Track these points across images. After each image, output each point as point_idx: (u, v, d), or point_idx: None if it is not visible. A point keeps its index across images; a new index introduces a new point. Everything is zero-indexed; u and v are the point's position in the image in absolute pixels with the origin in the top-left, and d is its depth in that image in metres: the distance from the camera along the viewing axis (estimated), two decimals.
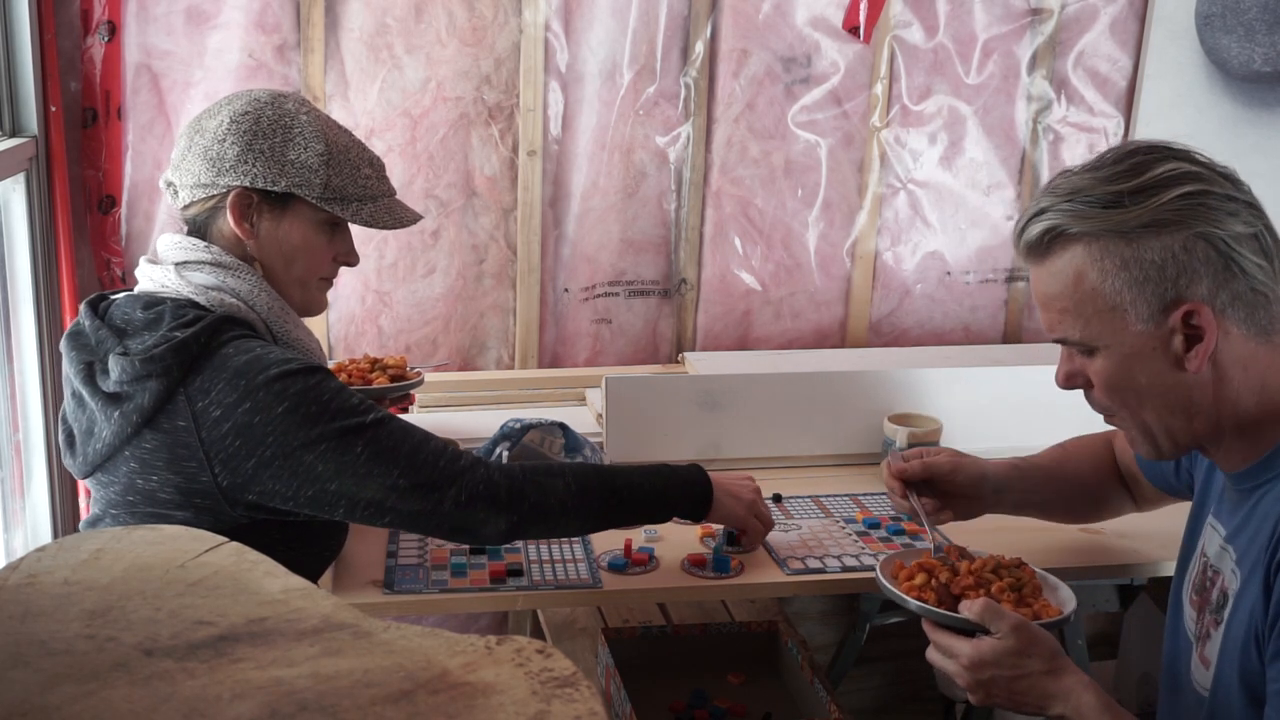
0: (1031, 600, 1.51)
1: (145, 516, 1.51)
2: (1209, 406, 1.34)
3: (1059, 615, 1.48)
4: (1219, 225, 1.28)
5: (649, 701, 1.97)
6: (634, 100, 2.41)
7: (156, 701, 0.84)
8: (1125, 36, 2.61)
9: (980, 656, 1.39)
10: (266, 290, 1.61)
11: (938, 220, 2.63)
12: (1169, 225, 1.28)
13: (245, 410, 1.47)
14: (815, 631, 2.66)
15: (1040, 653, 1.38)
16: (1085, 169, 1.35)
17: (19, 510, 2.13)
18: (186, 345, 1.49)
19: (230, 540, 1.08)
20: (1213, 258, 1.28)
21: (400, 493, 1.50)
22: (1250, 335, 1.31)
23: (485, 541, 1.59)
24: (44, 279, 2.09)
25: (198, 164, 1.59)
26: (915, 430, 2.10)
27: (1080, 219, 1.31)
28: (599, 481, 1.62)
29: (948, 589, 1.50)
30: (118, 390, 1.50)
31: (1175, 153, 1.32)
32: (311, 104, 1.65)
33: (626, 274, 2.51)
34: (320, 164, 1.59)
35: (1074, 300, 1.34)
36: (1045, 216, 1.34)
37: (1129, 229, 1.29)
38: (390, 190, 1.69)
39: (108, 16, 2.12)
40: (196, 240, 1.61)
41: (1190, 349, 1.30)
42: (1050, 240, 1.34)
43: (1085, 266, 1.32)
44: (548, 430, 2.03)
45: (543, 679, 0.88)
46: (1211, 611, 1.40)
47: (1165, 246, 1.28)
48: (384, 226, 1.65)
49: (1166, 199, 1.28)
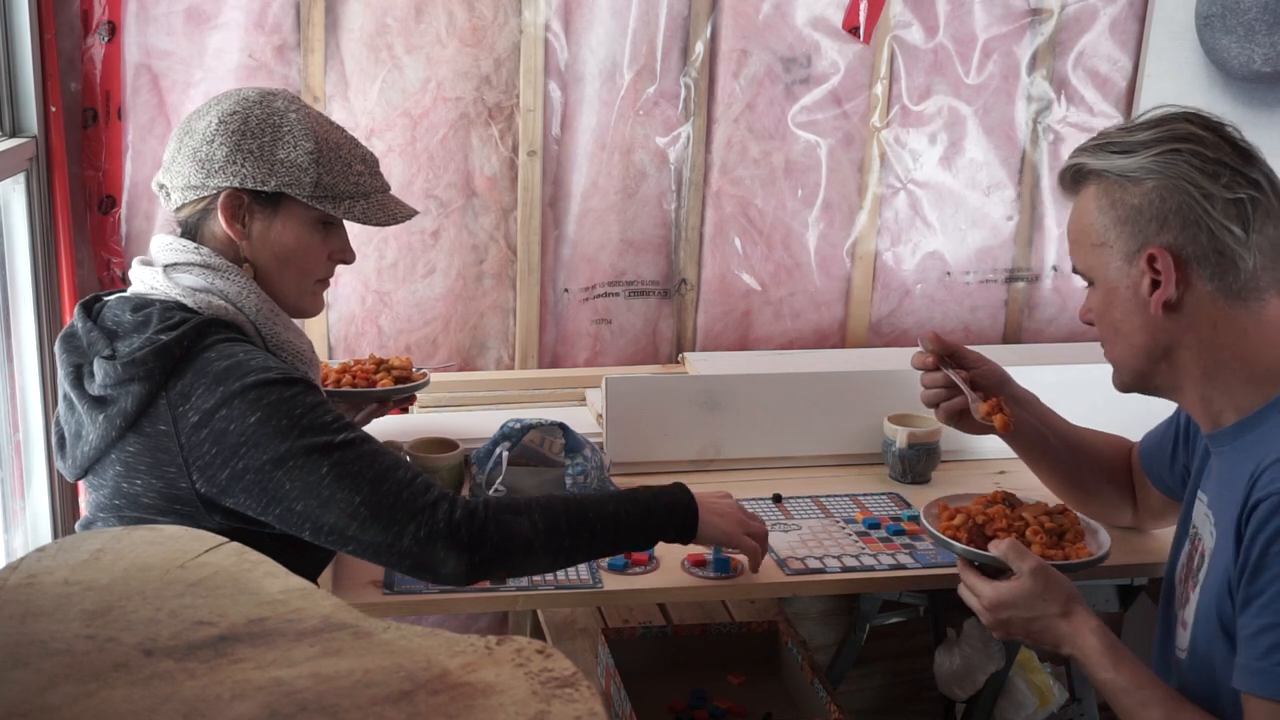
0: (1067, 544, 1.61)
1: (131, 521, 1.50)
2: (1175, 353, 1.43)
3: (1089, 557, 1.59)
4: (1195, 182, 1.38)
5: (649, 701, 1.97)
6: (634, 100, 2.41)
7: (156, 702, 0.84)
8: (1125, 37, 2.61)
9: (999, 598, 1.49)
10: (256, 292, 1.59)
11: (938, 220, 2.63)
12: (1153, 173, 1.39)
13: (221, 417, 1.45)
14: (815, 631, 2.65)
15: (1055, 596, 1.47)
16: (1129, 123, 1.47)
17: (19, 510, 2.13)
18: (169, 349, 1.47)
19: (230, 540, 1.08)
20: (1183, 209, 1.38)
21: (361, 521, 1.45)
22: (1219, 294, 1.39)
23: (445, 581, 1.49)
24: (44, 279, 2.09)
25: (187, 166, 1.57)
26: (915, 430, 2.11)
27: (1100, 159, 1.44)
28: (570, 518, 1.54)
29: (982, 530, 1.60)
30: (102, 394, 1.50)
31: (1195, 116, 1.43)
32: (302, 101, 1.64)
33: (626, 274, 2.51)
34: (310, 162, 1.57)
35: (1079, 233, 1.48)
36: (1077, 156, 1.48)
37: (1125, 173, 1.42)
38: (384, 186, 1.67)
39: (108, 16, 2.12)
40: (187, 242, 1.59)
41: (1153, 293, 1.40)
42: (1076, 178, 1.49)
43: (1090, 204, 1.46)
44: (548, 430, 2.03)
45: (543, 679, 0.88)
46: (1191, 577, 1.45)
47: (1145, 193, 1.40)
48: (378, 223, 1.64)
49: (1159, 150, 1.39)
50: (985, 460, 2.20)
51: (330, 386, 1.94)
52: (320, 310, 1.73)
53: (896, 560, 1.84)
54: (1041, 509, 1.68)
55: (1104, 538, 1.65)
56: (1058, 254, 2.69)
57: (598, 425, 2.18)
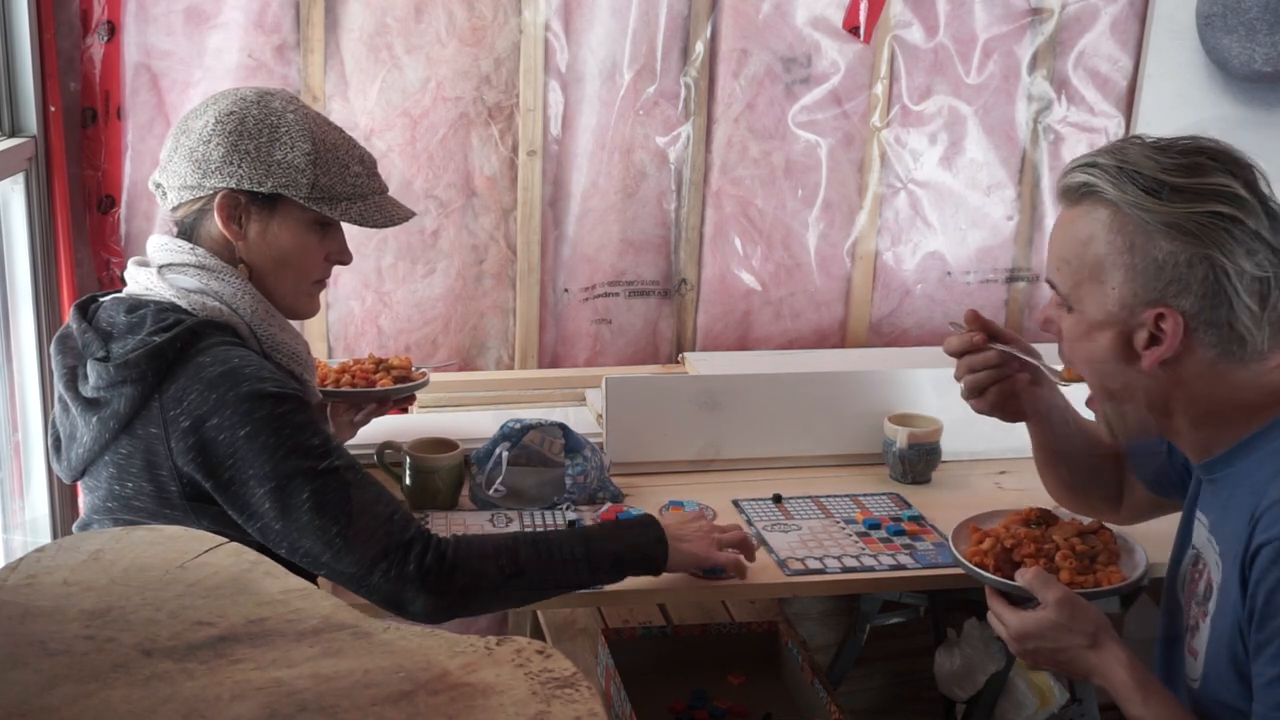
0: (1099, 568, 1.55)
1: (124, 524, 1.49)
2: (1155, 400, 1.38)
3: (1120, 582, 1.53)
4: (1230, 256, 1.29)
5: (649, 702, 1.97)
6: (634, 100, 2.41)
7: (156, 702, 0.84)
8: (1126, 36, 2.61)
9: (1024, 629, 1.44)
10: (251, 293, 1.58)
11: (938, 220, 2.63)
12: (1186, 235, 1.30)
13: (212, 425, 1.45)
14: (815, 632, 2.65)
15: (1082, 627, 1.42)
16: (1154, 147, 1.36)
17: (18, 510, 2.13)
18: (162, 351, 1.47)
19: (230, 540, 1.08)
20: (1209, 282, 1.30)
21: (335, 551, 1.46)
22: (1220, 360, 1.33)
23: (412, 619, 1.51)
24: (43, 279, 2.09)
25: (184, 165, 1.57)
26: (915, 430, 2.10)
27: (1119, 189, 1.33)
28: (538, 562, 1.56)
29: (1010, 554, 1.55)
30: (95, 395, 1.50)
31: (1239, 169, 1.33)
32: (300, 101, 1.63)
33: (626, 274, 2.51)
34: (307, 163, 1.56)
35: (1074, 254, 1.38)
36: (1092, 172, 1.36)
37: (1152, 220, 1.31)
38: (381, 188, 1.66)
39: (107, 16, 2.11)
40: (182, 243, 1.59)
41: (1150, 347, 1.34)
42: (1084, 194, 1.37)
43: (1099, 232, 1.35)
44: (548, 430, 2.03)
45: (543, 679, 0.88)
46: (1199, 603, 1.42)
47: (1172, 252, 1.31)
48: (375, 225, 1.63)
49: (1197, 210, 1.30)
50: (985, 460, 2.20)
51: (330, 386, 1.94)
52: (316, 312, 1.72)
53: (897, 560, 1.84)
54: (1075, 528, 1.60)
55: (1140, 557, 1.58)
56: None
57: (598, 425, 2.17)
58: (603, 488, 2.00)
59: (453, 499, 1.96)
